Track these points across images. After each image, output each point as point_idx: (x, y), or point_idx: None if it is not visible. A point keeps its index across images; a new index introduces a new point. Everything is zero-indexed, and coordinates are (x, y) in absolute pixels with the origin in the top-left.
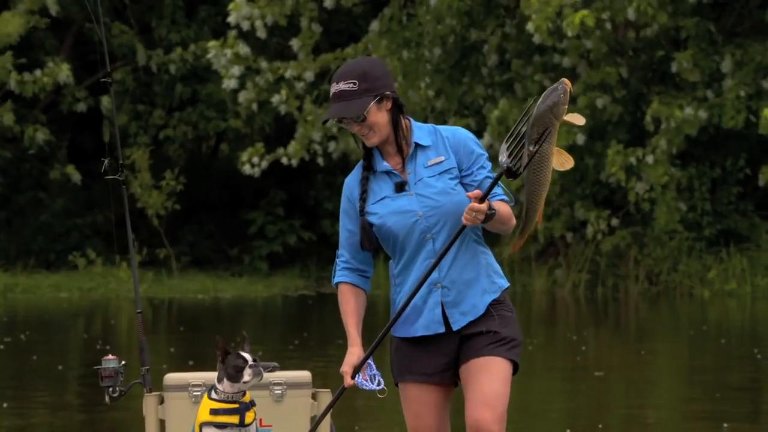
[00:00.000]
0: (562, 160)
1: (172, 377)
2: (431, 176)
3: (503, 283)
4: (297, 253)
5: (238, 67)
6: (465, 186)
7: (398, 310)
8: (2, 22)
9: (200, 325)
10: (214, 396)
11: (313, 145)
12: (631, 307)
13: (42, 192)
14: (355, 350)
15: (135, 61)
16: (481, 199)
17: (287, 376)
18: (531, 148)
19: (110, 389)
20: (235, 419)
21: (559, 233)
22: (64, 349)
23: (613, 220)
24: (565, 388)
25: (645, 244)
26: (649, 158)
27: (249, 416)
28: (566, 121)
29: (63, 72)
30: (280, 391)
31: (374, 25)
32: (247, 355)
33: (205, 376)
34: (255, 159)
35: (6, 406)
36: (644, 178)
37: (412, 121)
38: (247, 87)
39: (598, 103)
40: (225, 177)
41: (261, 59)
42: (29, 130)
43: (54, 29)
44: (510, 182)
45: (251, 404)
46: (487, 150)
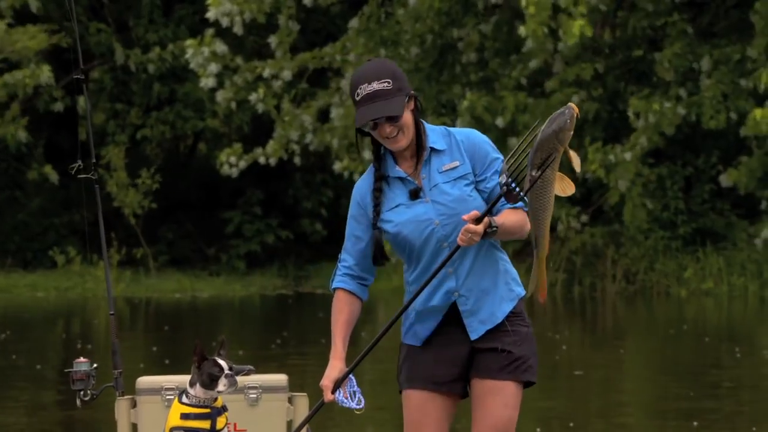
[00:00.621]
0: (563, 186)
1: (144, 380)
2: (446, 182)
3: (520, 291)
4: (275, 253)
5: (216, 66)
6: (479, 191)
7: (390, 321)
8: None
9: (178, 325)
10: (185, 400)
11: (291, 144)
12: (608, 307)
13: (18, 191)
14: (336, 363)
15: (113, 60)
16: (478, 220)
17: (263, 379)
18: (534, 173)
19: (81, 393)
20: (206, 424)
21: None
22: (42, 348)
23: (583, 217)
24: (544, 387)
25: (622, 244)
26: (627, 155)
27: (220, 422)
28: (569, 152)
29: (44, 74)
30: (255, 395)
31: (354, 23)
32: (224, 363)
33: (179, 379)
34: (233, 159)
35: None
36: (619, 175)
37: (425, 123)
38: (225, 86)
39: (574, 99)
40: (202, 176)
41: (238, 58)
42: (10, 129)
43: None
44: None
45: (223, 409)
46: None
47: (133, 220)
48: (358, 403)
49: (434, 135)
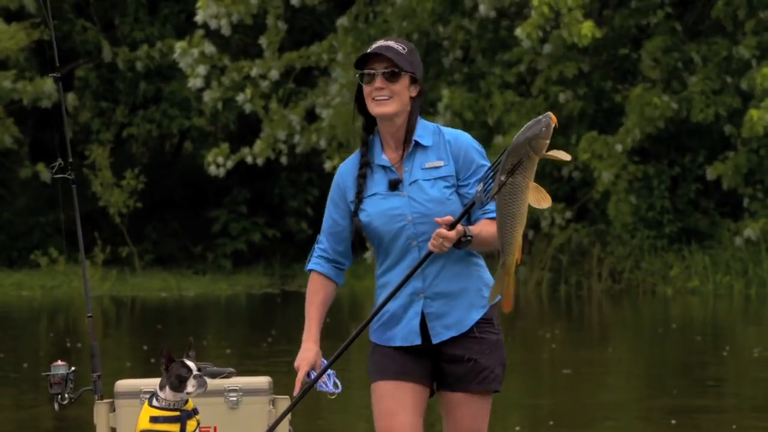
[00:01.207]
0: (539, 198)
1: (123, 384)
2: (427, 180)
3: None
4: (261, 251)
5: (204, 67)
6: (460, 196)
7: (368, 317)
8: None
9: (164, 324)
10: (155, 403)
11: (278, 143)
12: (594, 305)
13: (3, 189)
14: (310, 345)
15: (101, 58)
16: (451, 226)
17: (243, 381)
18: (502, 177)
19: (59, 396)
20: (175, 428)
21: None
22: (28, 347)
23: (567, 213)
24: (531, 385)
25: (607, 242)
26: (618, 147)
27: (191, 425)
28: (550, 156)
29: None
30: (235, 398)
31: (342, 21)
32: (192, 364)
33: (158, 382)
34: (220, 159)
35: None
36: (607, 167)
37: (420, 119)
38: (212, 86)
39: (561, 98)
40: (188, 175)
41: (225, 57)
42: None
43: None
44: None
45: (194, 412)
46: None
47: (118, 219)
48: (335, 386)
49: (423, 130)
